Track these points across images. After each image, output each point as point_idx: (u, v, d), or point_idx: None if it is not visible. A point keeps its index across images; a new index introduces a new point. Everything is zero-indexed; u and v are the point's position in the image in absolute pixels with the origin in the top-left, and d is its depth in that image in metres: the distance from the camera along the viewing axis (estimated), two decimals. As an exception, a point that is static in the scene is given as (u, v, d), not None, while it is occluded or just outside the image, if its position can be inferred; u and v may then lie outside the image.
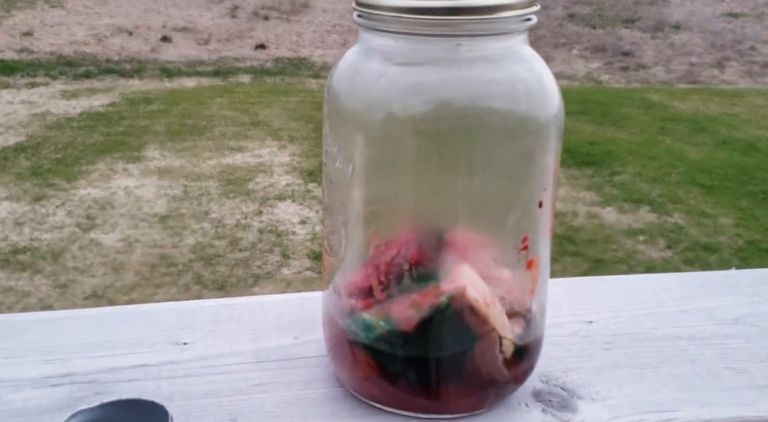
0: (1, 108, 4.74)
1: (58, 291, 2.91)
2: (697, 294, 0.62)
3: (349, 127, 0.44)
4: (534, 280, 0.46)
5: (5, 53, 5.85)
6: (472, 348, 0.45)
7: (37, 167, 3.90)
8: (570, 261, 3.25)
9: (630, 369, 0.52)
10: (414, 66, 0.43)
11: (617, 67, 6.32)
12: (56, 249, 3.18)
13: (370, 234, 0.44)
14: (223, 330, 0.55)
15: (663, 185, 3.96)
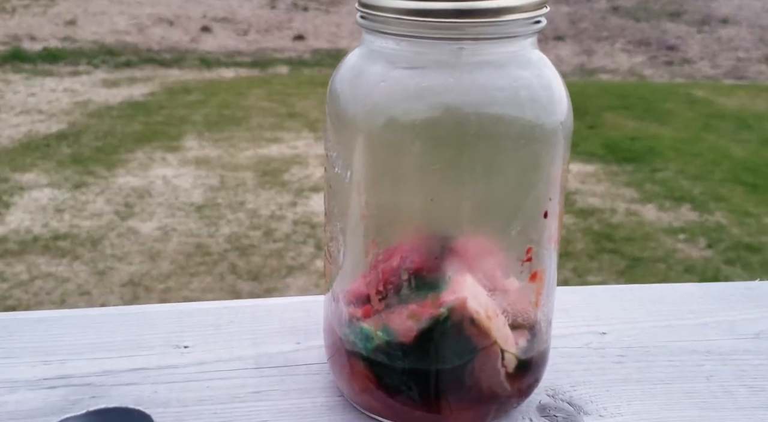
0: (44, 96, 4.80)
1: (96, 277, 2.93)
2: (719, 306, 0.60)
3: (348, 131, 0.43)
4: (538, 292, 0.45)
5: (49, 41, 5.93)
6: (472, 362, 0.44)
7: (77, 155, 3.94)
8: (607, 258, 3.21)
9: (641, 385, 0.51)
10: (416, 70, 0.42)
11: (661, 61, 6.22)
12: (95, 236, 3.20)
13: (368, 242, 0.43)
14: (224, 333, 0.54)
15: (705, 183, 3.89)
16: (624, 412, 0.48)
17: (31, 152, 3.91)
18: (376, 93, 0.42)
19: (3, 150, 3.91)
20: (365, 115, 0.42)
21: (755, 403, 0.49)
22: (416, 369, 0.44)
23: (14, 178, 3.60)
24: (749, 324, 0.57)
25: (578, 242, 3.28)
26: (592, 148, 4.23)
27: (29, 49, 5.73)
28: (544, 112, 0.42)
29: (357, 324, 0.45)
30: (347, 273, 0.45)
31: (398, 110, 0.41)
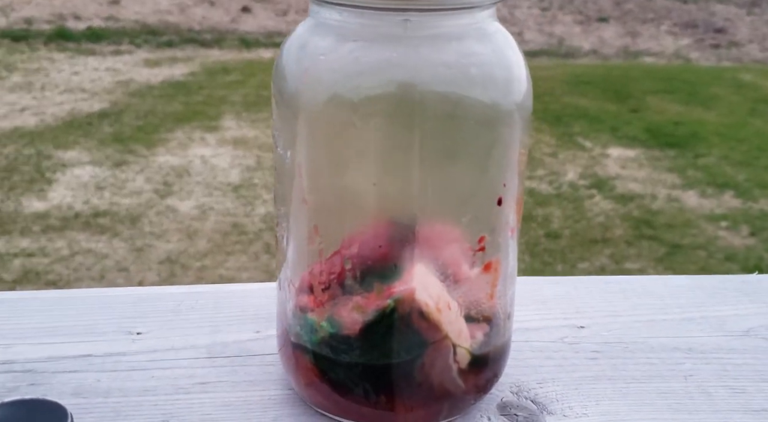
0: (87, 74, 4.83)
1: (135, 254, 2.95)
2: (710, 301, 0.56)
3: (289, 109, 0.40)
4: (493, 284, 0.42)
5: (93, 21, 5.96)
6: (422, 357, 0.41)
7: (119, 133, 3.96)
8: (646, 245, 3.14)
9: (614, 383, 0.47)
10: (359, 43, 0.39)
11: (708, 44, 6.07)
12: (134, 213, 3.22)
13: (310, 229, 0.40)
14: (183, 320, 0.52)
15: (750, 169, 3.80)
16: (590, 413, 0.45)
17: (73, 130, 3.95)
18: (316, 67, 0.39)
19: (47, 127, 3.95)
20: (304, 91, 0.39)
21: (734, 406, 0.46)
22: (362, 364, 0.41)
23: (57, 155, 3.64)
24: (739, 320, 0.54)
25: (617, 228, 3.22)
26: (634, 132, 4.16)
27: (73, 28, 5.77)
28: (499, 91, 0.39)
29: (301, 315, 0.42)
30: (291, 260, 0.42)
31: (338, 86, 0.38)
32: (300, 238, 0.41)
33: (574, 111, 4.45)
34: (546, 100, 4.63)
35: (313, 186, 0.40)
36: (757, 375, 0.48)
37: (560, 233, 3.13)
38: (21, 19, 5.91)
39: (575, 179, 3.58)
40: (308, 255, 0.41)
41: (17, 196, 3.25)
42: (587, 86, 4.89)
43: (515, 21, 6.47)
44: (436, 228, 0.40)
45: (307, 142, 0.39)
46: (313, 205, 0.40)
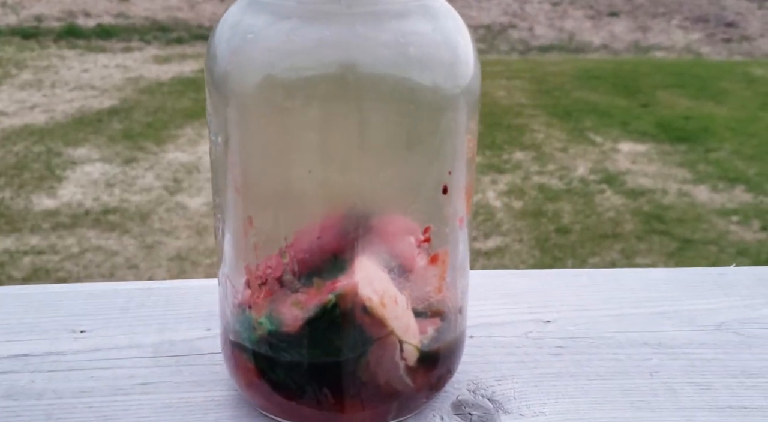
0: (97, 71, 4.82)
1: (144, 251, 2.94)
2: (683, 294, 0.54)
3: (218, 91, 0.37)
4: (441, 277, 0.40)
5: (103, 18, 5.96)
6: (366, 354, 0.39)
7: (128, 130, 3.96)
8: (657, 240, 3.11)
9: (575, 380, 0.45)
10: (295, 21, 0.36)
11: (719, 38, 6.01)
12: (144, 210, 3.21)
13: (244, 220, 0.38)
14: (131, 317, 0.49)
15: (762, 164, 3.75)
16: (548, 411, 0.43)
17: (83, 127, 3.95)
18: (245, 47, 0.36)
19: (57, 125, 3.95)
20: (233, 73, 0.37)
21: (698, 403, 0.43)
22: (304, 363, 0.39)
23: (67, 153, 3.64)
24: (711, 314, 0.51)
25: (627, 223, 3.19)
26: (645, 127, 4.12)
27: (83, 25, 5.77)
28: (442, 74, 0.37)
29: (239, 312, 0.40)
30: (227, 254, 0.40)
31: (269, 67, 0.36)
32: (235, 231, 0.39)
33: (585, 106, 4.42)
34: (556, 94, 4.60)
35: (246, 174, 0.37)
36: (725, 371, 0.46)
37: (570, 228, 3.10)
38: (31, 16, 5.92)
39: (585, 174, 3.55)
40: (244, 249, 0.38)
41: (27, 193, 3.25)
42: (597, 81, 4.86)
43: (525, 16, 6.43)
44: (379, 219, 0.38)
45: (238, 128, 0.37)
46: (246, 195, 0.38)
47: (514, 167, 3.61)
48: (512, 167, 3.61)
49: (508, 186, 3.43)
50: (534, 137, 3.97)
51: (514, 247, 2.96)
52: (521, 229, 3.09)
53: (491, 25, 6.20)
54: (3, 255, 2.83)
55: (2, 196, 3.22)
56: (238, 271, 0.39)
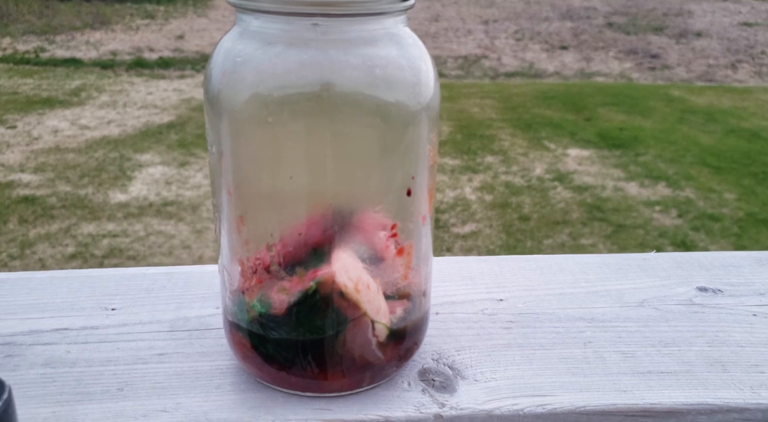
0: (159, 94, 4.78)
1: (195, 235, 2.91)
2: (613, 276, 0.50)
3: (213, 109, 0.34)
4: (407, 266, 0.36)
5: (163, 52, 5.91)
6: (343, 332, 0.35)
7: (182, 140, 3.92)
8: (597, 225, 3.08)
9: (522, 350, 0.42)
10: (279, 47, 0.33)
11: (646, 67, 5.95)
12: (195, 203, 3.18)
13: (236, 219, 0.35)
14: (154, 297, 0.46)
15: (678, 165, 3.72)
16: (498, 377, 0.39)
17: (148, 138, 3.91)
18: (234, 69, 0.33)
19: (128, 136, 3.91)
20: (223, 92, 0.33)
21: (624, 369, 0.40)
22: (289, 340, 0.36)
23: (135, 158, 3.61)
24: (636, 293, 0.48)
25: (574, 212, 3.16)
26: (588, 136, 4.08)
27: (148, 58, 5.72)
28: (405, 92, 0.33)
29: (235, 297, 0.36)
30: (224, 247, 0.36)
31: (255, 87, 0.32)
32: (229, 228, 0.35)
33: (541, 120, 4.38)
34: (519, 111, 4.55)
35: (236, 179, 0.34)
36: (646, 340, 0.43)
37: (530, 216, 3.07)
38: (108, 51, 5.88)
39: (542, 174, 3.51)
40: (237, 244, 0.35)
41: (105, 190, 3.22)
42: (552, 100, 4.81)
43: (495, 49, 6.37)
44: (353, 217, 0.34)
45: (230, 139, 0.33)
46: (237, 198, 0.34)
47: (486, 168, 3.57)
48: (484, 168, 3.58)
49: (480, 183, 3.39)
50: (501, 144, 3.93)
51: (486, 232, 2.93)
52: (491, 217, 3.06)
53: (468, 56, 6.14)
54: (87, 238, 2.81)
55: (86, 192, 3.19)
56: (233, 262, 0.36)
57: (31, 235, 2.80)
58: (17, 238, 2.77)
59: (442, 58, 6.04)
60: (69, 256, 2.69)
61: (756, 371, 0.39)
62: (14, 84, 4.98)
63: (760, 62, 6.13)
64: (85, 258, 2.70)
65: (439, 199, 3.21)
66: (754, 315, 0.45)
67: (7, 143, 3.78)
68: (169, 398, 0.36)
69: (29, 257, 2.65)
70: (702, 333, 0.43)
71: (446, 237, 2.89)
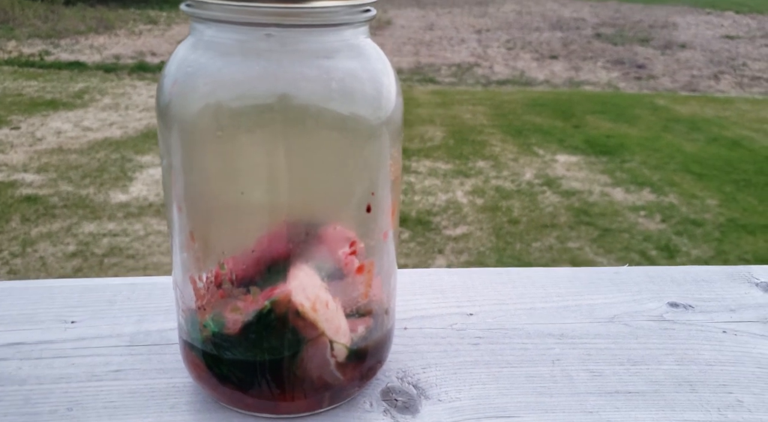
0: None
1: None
2: (584, 290, 0.48)
3: (163, 120, 0.32)
4: (368, 284, 0.34)
5: (165, 56, 5.88)
6: (300, 353, 0.33)
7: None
8: (584, 229, 3.06)
9: (489, 368, 0.39)
10: (232, 57, 0.30)
11: (632, 76, 5.94)
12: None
13: (186, 235, 0.32)
14: (117, 309, 0.43)
15: (662, 172, 3.70)
16: (463, 397, 0.37)
17: (149, 140, 3.88)
18: (184, 80, 0.31)
19: (129, 138, 3.89)
20: (173, 103, 0.31)
21: (591, 388, 0.38)
22: (244, 360, 0.33)
23: (136, 159, 3.58)
24: (607, 308, 0.46)
25: (562, 216, 3.14)
26: (576, 143, 4.07)
27: (150, 61, 5.68)
28: (364, 106, 0.31)
29: (188, 315, 0.34)
30: (176, 264, 0.34)
31: (205, 98, 0.30)
32: (180, 244, 0.33)
33: (531, 126, 4.36)
34: (510, 117, 4.54)
35: (186, 193, 0.32)
36: (614, 358, 0.40)
37: (519, 220, 3.05)
38: (111, 55, 5.84)
39: (531, 178, 3.50)
40: (188, 261, 0.33)
41: (106, 190, 3.19)
42: (541, 108, 4.80)
43: (487, 57, 6.35)
44: (310, 234, 0.32)
45: (179, 152, 0.31)
46: (187, 213, 0.32)
47: (477, 173, 3.55)
48: (475, 173, 3.55)
49: (472, 187, 3.37)
50: (492, 150, 3.91)
51: (477, 234, 2.90)
52: (482, 220, 3.03)
53: (461, 64, 6.12)
54: (88, 237, 2.78)
55: (87, 192, 3.16)
56: (185, 280, 0.33)
57: (33, 234, 2.77)
58: (19, 237, 2.74)
59: (436, 66, 6.01)
60: (70, 255, 2.66)
61: (724, 391, 0.37)
62: (19, 86, 4.94)
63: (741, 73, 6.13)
64: (85, 257, 2.67)
65: (432, 202, 3.19)
66: (724, 332, 0.43)
67: (11, 144, 3.74)
68: (120, 418, 0.34)
69: (30, 255, 2.62)
70: (671, 350, 0.41)
71: (438, 239, 2.87)
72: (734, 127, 4.59)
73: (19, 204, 3.02)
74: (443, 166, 3.63)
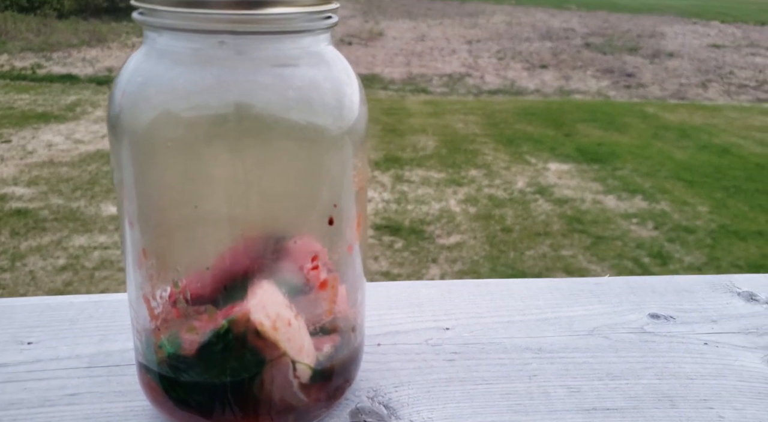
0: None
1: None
2: (564, 302, 0.46)
3: (114, 132, 0.30)
4: (332, 300, 0.32)
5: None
6: (260, 374, 0.31)
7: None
8: (577, 237, 3.04)
9: (464, 385, 0.38)
10: (185, 66, 0.29)
11: (622, 85, 5.95)
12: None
13: (138, 252, 0.30)
14: (78, 329, 0.41)
15: (654, 179, 3.70)
16: (435, 416, 0.35)
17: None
18: (135, 90, 0.29)
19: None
20: (123, 114, 0.29)
21: (569, 405, 0.36)
22: (202, 383, 0.31)
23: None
24: (586, 320, 0.44)
25: (555, 224, 3.13)
26: (567, 151, 4.06)
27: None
28: (323, 115, 0.30)
29: (143, 336, 0.32)
30: (129, 282, 0.32)
31: (157, 108, 0.29)
32: (132, 262, 0.31)
33: (523, 135, 4.36)
34: (501, 126, 4.54)
35: (137, 209, 0.30)
36: (593, 373, 0.39)
37: (512, 228, 3.04)
38: (104, 67, 5.83)
39: (524, 187, 3.49)
40: (141, 279, 0.31)
41: (97, 202, 3.17)
42: (532, 116, 4.80)
43: (478, 67, 6.36)
44: (269, 249, 0.31)
45: (131, 165, 0.29)
46: (139, 229, 0.30)
47: (470, 181, 3.55)
48: (468, 181, 3.55)
49: (465, 196, 3.36)
50: (485, 158, 3.90)
51: (470, 243, 2.89)
52: (475, 229, 3.02)
53: (452, 74, 6.13)
54: (78, 250, 2.75)
55: (78, 205, 3.13)
56: (138, 299, 0.32)
57: (23, 248, 2.74)
58: (8, 251, 2.71)
59: (428, 76, 6.02)
60: (60, 268, 2.64)
61: (704, 406, 0.36)
62: (10, 99, 4.92)
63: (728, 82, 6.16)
64: (75, 270, 2.64)
65: (425, 211, 3.17)
66: (705, 344, 0.41)
67: (2, 157, 3.72)
68: (72, 445, 0.32)
69: (20, 269, 2.59)
70: (652, 364, 0.39)
71: (431, 248, 2.85)
72: (723, 134, 4.60)
73: (8, 217, 3.00)
74: (436, 175, 3.61)
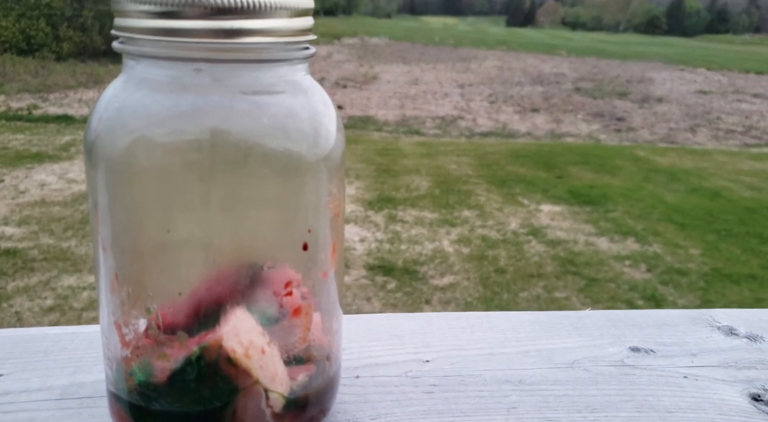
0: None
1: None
2: (545, 335, 0.46)
3: (89, 157, 0.30)
4: (306, 328, 0.32)
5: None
6: (232, 403, 0.31)
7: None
8: (570, 278, 3.04)
9: (441, 418, 0.37)
10: (163, 94, 0.29)
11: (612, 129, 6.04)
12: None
13: (111, 277, 0.30)
14: (51, 360, 0.40)
15: (646, 222, 3.72)
16: (411, 447, 0.35)
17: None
18: (110, 117, 0.29)
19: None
20: (98, 140, 0.29)
21: (547, 439, 0.36)
22: (173, 412, 0.31)
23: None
24: (567, 353, 0.44)
25: (548, 265, 3.13)
26: (560, 193, 4.09)
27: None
28: (299, 142, 0.30)
29: (113, 363, 0.32)
30: (101, 308, 0.32)
31: (129, 134, 0.29)
32: (104, 288, 0.31)
33: (515, 177, 4.39)
34: (494, 168, 4.57)
35: (110, 234, 0.30)
36: (573, 406, 0.38)
37: (506, 269, 3.04)
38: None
39: (516, 228, 3.50)
40: (113, 305, 0.31)
41: (88, 242, 3.16)
42: (524, 159, 4.84)
43: (470, 110, 6.45)
44: (242, 275, 0.31)
45: (105, 190, 0.30)
46: (112, 254, 0.30)
47: (463, 222, 3.55)
48: (461, 222, 3.55)
49: (458, 236, 3.37)
50: (477, 199, 3.92)
51: (463, 284, 2.88)
52: (468, 269, 3.01)
53: (445, 117, 6.21)
54: (67, 290, 2.73)
55: (69, 244, 3.12)
56: (110, 325, 0.31)
57: (9, 288, 2.72)
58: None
59: (421, 118, 6.09)
60: (47, 309, 2.61)
61: (685, 441, 0.36)
62: (5, 139, 4.94)
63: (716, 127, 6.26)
64: (63, 311, 2.62)
65: (418, 251, 3.17)
66: (685, 377, 0.41)
67: (-6, 197, 3.72)
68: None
69: (5, 310, 2.57)
70: (631, 397, 0.39)
71: (425, 289, 2.84)
72: (713, 178, 4.65)
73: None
74: (429, 215, 3.62)
